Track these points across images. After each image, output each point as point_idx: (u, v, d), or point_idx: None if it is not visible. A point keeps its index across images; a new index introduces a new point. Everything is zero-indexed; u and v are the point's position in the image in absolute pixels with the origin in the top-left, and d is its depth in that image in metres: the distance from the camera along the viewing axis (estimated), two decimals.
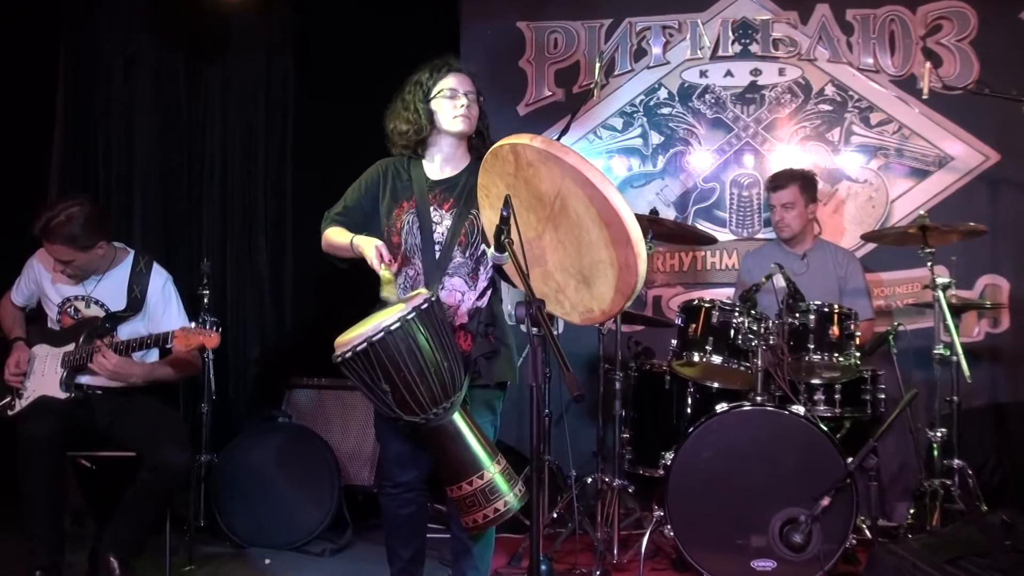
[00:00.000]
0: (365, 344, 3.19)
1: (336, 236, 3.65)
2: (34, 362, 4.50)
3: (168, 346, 4.33)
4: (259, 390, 6.25)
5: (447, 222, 3.61)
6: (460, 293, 3.60)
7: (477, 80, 3.71)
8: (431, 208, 3.63)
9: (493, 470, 3.33)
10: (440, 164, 3.71)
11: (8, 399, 4.47)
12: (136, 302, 4.53)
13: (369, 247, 3.48)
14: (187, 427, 4.74)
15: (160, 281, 4.60)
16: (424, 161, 3.73)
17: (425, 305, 3.27)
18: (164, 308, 4.57)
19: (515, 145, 3.08)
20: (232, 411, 6.17)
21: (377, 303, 3.53)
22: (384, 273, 3.41)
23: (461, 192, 3.64)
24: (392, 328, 3.18)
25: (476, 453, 3.33)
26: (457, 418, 3.33)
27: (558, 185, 3.03)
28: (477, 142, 3.72)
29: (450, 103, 3.62)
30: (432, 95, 3.64)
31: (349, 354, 3.22)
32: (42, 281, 4.59)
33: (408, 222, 3.62)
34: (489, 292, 3.66)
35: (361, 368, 3.23)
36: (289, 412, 5.66)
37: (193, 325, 4.28)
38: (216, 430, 5.46)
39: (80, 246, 4.34)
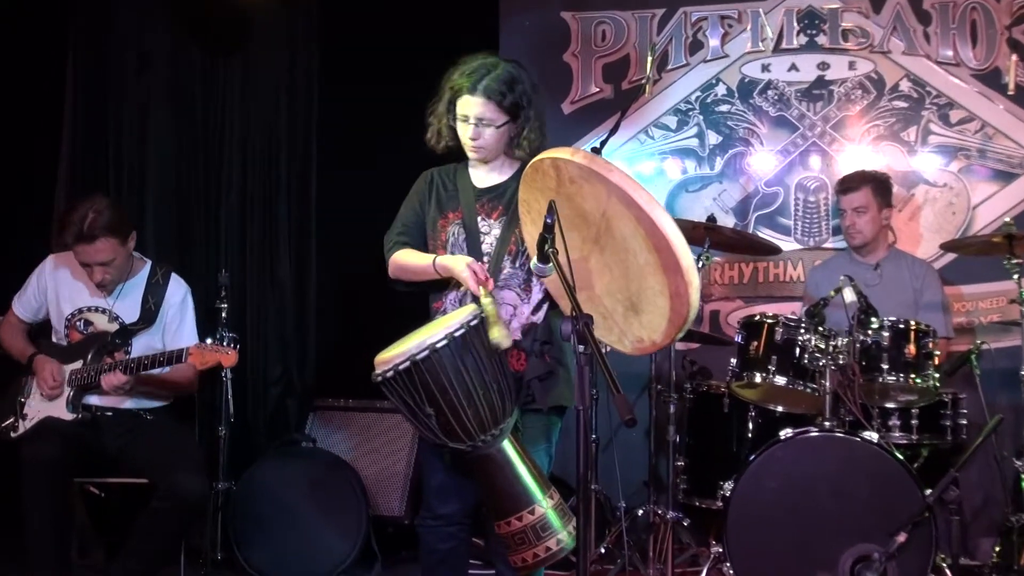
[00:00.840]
0: (408, 363, 3.16)
1: (411, 258, 3.63)
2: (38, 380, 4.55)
3: (183, 363, 4.35)
4: (281, 412, 6.29)
5: (495, 231, 3.61)
6: (512, 307, 3.57)
7: (506, 97, 3.56)
8: (478, 218, 3.63)
9: (545, 505, 3.29)
10: (486, 171, 3.71)
11: (11, 420, 4.51)
12: (149, 314, 4.57)
13: (459, 265, 3.44)
14: (203, 452, 4.78)
15: (179, 293, 4.65)
16: (470, 168, 3.73)
17: (474, 321, 3.24)
18: (179, 323, 4.62)
19: (556, 160, 3.07)
20: (252, 435, 6.20)
21: (425, 320, 3.54)
22: (485, 301, 3.32)
23: (510, 199, 3.61)
24: (438, 346, 3.16)
25: (527, 485, 3.30)
26: (507, 446, 3.29)
27: (603, 204, 3.01)
28: (515, 150, 3.68)
29: (462, 128, 3.61)
30: (455, 115, 3.62)
31: (390, 373, 3.20)
32: (52, 293, 4.64)
33: (454, 234, 3.62)
34: (545, 306, 3.60)
35: (403, 389, 3.21)
36: (313, 436, 5.66)
37: (209, 341, 4.31)
38: (234, 455, 5.48)
39: (122, 235, 4.42)
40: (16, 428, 4.49)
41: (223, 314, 5.31)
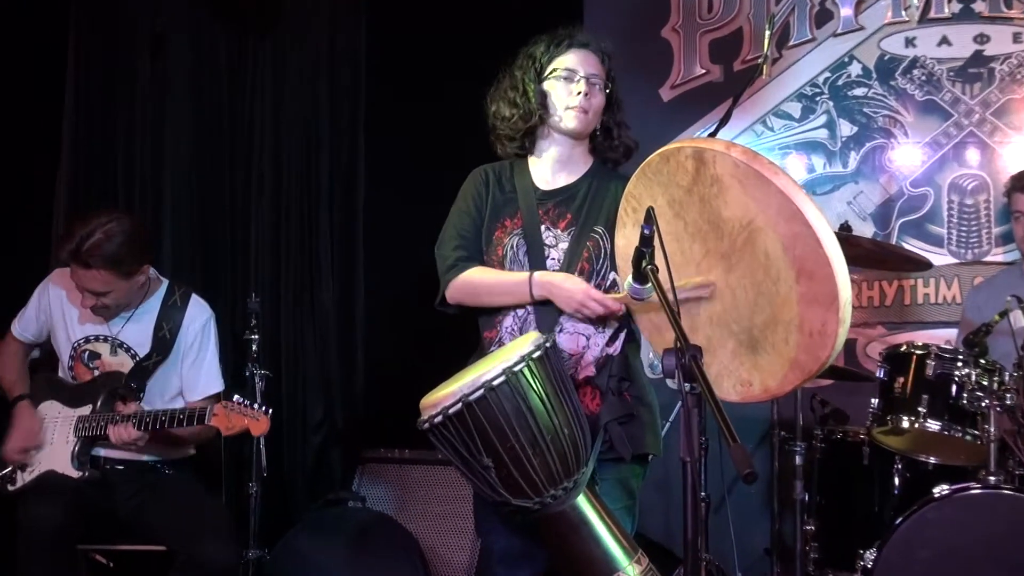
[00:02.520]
0: (460, 405, 3.17)
1: (491, 276, 3.65)
2: (42, 425, 4.61)
3: (206, 424, 4.39)
4: (323, 465, 6.34)
5: (563, 244, 3.63)
6: (584, 337, 3.59)
7: (611, 61, 3.73)
8: (542, 227, 3.65)
9: (632, 571, 3.30)
10: (552, 168, 3.74)
11: (8, 469, 4.58)
12: (164, 343, 4.63)
13: (573, 284, 3.48)
14: (231, 514, 4.81)
15: (201, 318, 4.71)
16: (531, 164, 3.76)
17: (538, 353, 3.25)
18: (198, 354, 4.68)
19: (702, 151, 3.06)
20: (289, 493, 6.26)
21: (474, 354, 3.55)
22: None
23: (581, 205, 3.65)
24: (495, 383, 3.17)
25: (608, 549, 3.31)
26: (582, 502, 3.31)
27: (751, 213, 3.00)
28: (603, 142, 3.74)
29: (565, 88, 3.65)
30: (546, 74, 3.67)
31: (439, 418, 3.21)
32: (57, 313, 4.71)
33: (512, 246, 3.65)
34: (622, 336, 3.64)
35: (455, 436, 3.22)
36: (362, 493, 5.71)
37: (236, 399, 4.36)
38: (268, 517, 5.51)
39: (123, 272, 4.44)
40: (14, 480, 4.56)
41: (253, 347, 5.30)
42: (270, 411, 4.38)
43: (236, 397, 4.38)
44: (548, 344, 3.30)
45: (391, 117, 6.51)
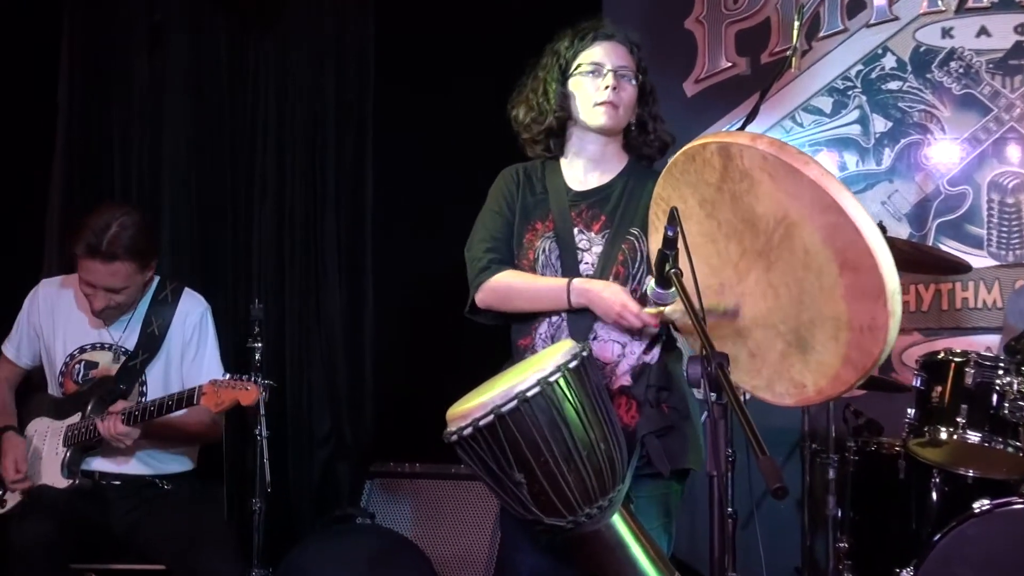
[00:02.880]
0: (492, 417, 3.16)
1: (524, 280, 3.65)
2: (30, 443, 4.62)
3: (196, 405, 4.40)
4: (330, 479, 6.35)
5: (597, 247, 3.63)
6: (619, 344, 3.59)
7: (640, 51, 3.72)
8: (575, 229, 3.64)
9: None
10: (585, 168, 3.73)
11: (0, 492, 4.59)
12: (151, 340, 4.64)
13: (612, 295, 3.46)
14: (234, 530, 4.81)
15: (196, 312, 4.74)
16: (563, 164, 3.75)
17: (574, 362, 3.24)
18: (197, 348, 4.71)
19: (727, 145, 3.05)
20: (294, 509, 6.27)
21: (507, 361, 3.53)
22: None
23: (616, 205, 3.64)
24: (529, 394, 3.16)
25: (644, 571, 3.31)
26: (618, 522, 3.30)
27: (785, 207, 2.99)
28: (637, 137, 3.73)
29: (592, 83, 3.64)
30: (571, 71, 3.67)
31: (468, 430, 3.20)
32: (48, 325, 4.71)
33: (544, 250, 3.65)
34: (661, 343, 3.62)
35: (485, 450, 3.21)
36: (371, 509, 5.70)
37: (226, 376, 4.37)
38: (272, 535, 5.50)
39: (144, 262, 4.52)
40: (3, 502, 4.56)
41: (257, 356, 5.25)
42: (261, 380, 4.39)
43: (226, 374, 4.39)
44: (584, 353, 3.29)
45: (400, 114, 6.50)
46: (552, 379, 3.18)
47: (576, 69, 3.65)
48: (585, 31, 3.69)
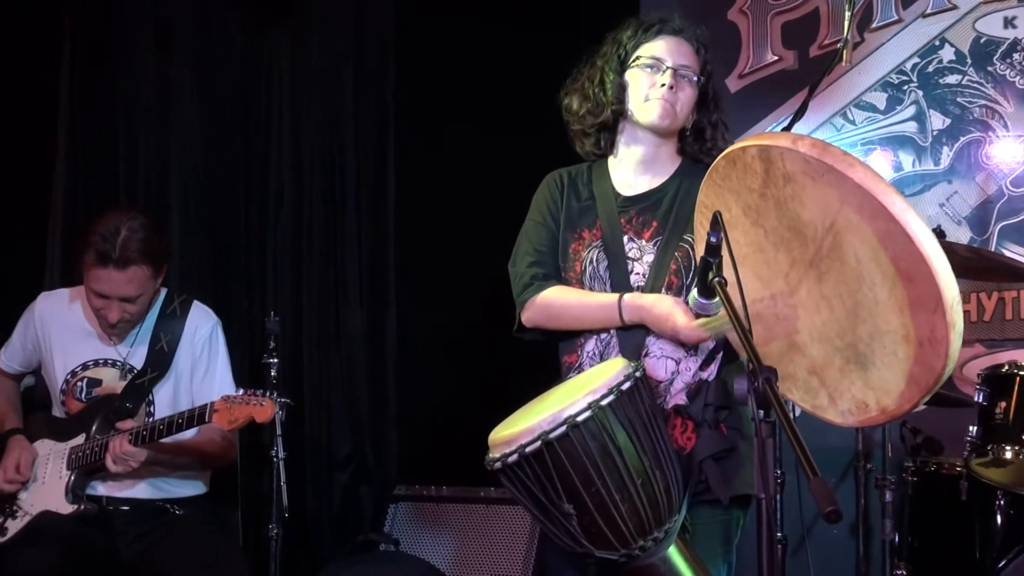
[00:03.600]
0: (538, 443, 3.12)
1: (573, 297, 3.64)
2: (34, 465, 4.65)
3: (207, 423, 4.38)
4: (352, 504, 6.37)
5: (648, 256, 3.61)
6: (673, 361, 3.56)
7: (708, 52, 3.71)
8: (624, 237, 3.63)
9: None
10: (635, 170, 3.72)
11: None
12: (160, 358, 4.66)
13: (665, 308, 3.44)
14: (249, 559, 4.84)
15: (206, 326, 4.76)
16: (611, 166, 3.75)
17: (627, 384, 3.21)
18: (208, 366, 4.73)
19: (767, 148, 3.03)
20: (313, 535, 6.28)
21: (562, 372, 3.55)
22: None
23: (668, 211, 3.63)
24: (579, 419, 3.11)
25: None
26: (673, 554, 3.28)
27: (832, 213, 2.97)
28: (693, 143, 3.72)
29: (648, 77, 3.62)
30: (630, 62, 3.66)
31: (513, 458, 3.16)
32: (46, 340, 4.74)
33: (592, 260, 3.64)
34: (719, 358, 3.58)
35: (532, 479, 3.18)
36: (395, 536, 5.73)
37: (240, 391, 4.36)
38: (290, 563, 5.54)
39: (158, 267, 4.54)
40: (4, 531, 4.57)
41: (272, 372, 5.23)
42: (276, 396, 4.37)
43: (239, 389, 4.38)
44: (638, 374, 3.26)
45: (424, 113, 6.52)
46: (604, 402, 3.14)
47: (635, 61, 3.63)
48: (651, 23, 3.67)
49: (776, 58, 6.26)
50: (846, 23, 5.68)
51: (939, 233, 5.23)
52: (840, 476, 5.65)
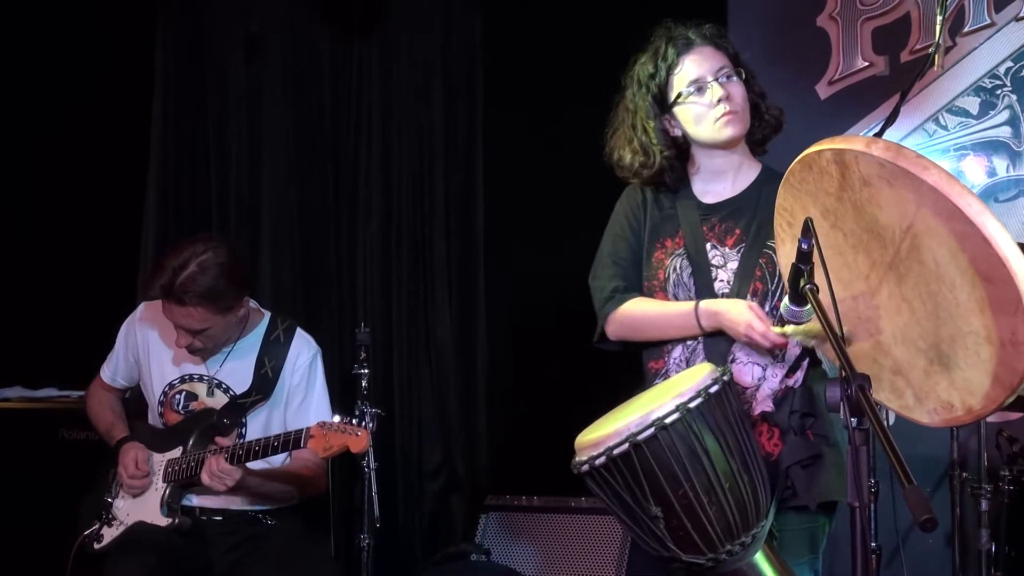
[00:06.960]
0: (626, 445, 3.13)
1: (652, 308, 3.64)
2: (149, 459, 4.66)
3: (302, 448, 4.39)
4: (442, 514, 6.38)
5: (732, 263, 3.61)
6: (760, 367, 3.55)
7: (723, 39, 3.68)
8: (707, 245, 3.63)
9: None
10: (715, 179, 3.71)
11: (95, 527, 4.65)
12: (265, 382, 4.67)
13: (739, 314, 3.43)
14: (341, 568, 4.85)
15: (307, 355, 4.74)
16: (692, 178, 3.73)
17: (716, 387, 3.21)
18: (305, 395, 4.71)
19: (842, 152, 3.02)
20: (404, 545, 6.31)
21: (647, 378, 3.55)
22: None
23: (752, 217, 3.62)
24: (667, 421, 3.12)
25: None
26: (760, 560, 3.28)
27: (909, 216, 2.96)
28: (761, 134, 3.71)
29: (701, 101, 3.59)
30: (672, 101, 3.63)
31: (600, 460, 3.17)
32: (145, 352, 4.78)
33: (675, 268, 3.63)
34: (805, 365, 3.57)
35: (619, 482, 3.18)
36: (486, 546, 5.73)
37: (337, 419, 4.35)
38: (382, 572, 5.56)
39: (222, 307, 4.48)
40: (100, 538, 4.62)
41: (363, 383, 5.31)
42: (371, 426, 4.34)
43: (336, 416, 4.37)
44: (726, 377, 3.27)
45: (512, 126, 6.52)
46: (692, 405, 3.14)
47: (678, 98, 3.60)
48: (662, 49, 3.64)
49: (867, 64, 6.22)
50: (938, 27, 5.62)
51: None
52: (935, 485, 5.60)
